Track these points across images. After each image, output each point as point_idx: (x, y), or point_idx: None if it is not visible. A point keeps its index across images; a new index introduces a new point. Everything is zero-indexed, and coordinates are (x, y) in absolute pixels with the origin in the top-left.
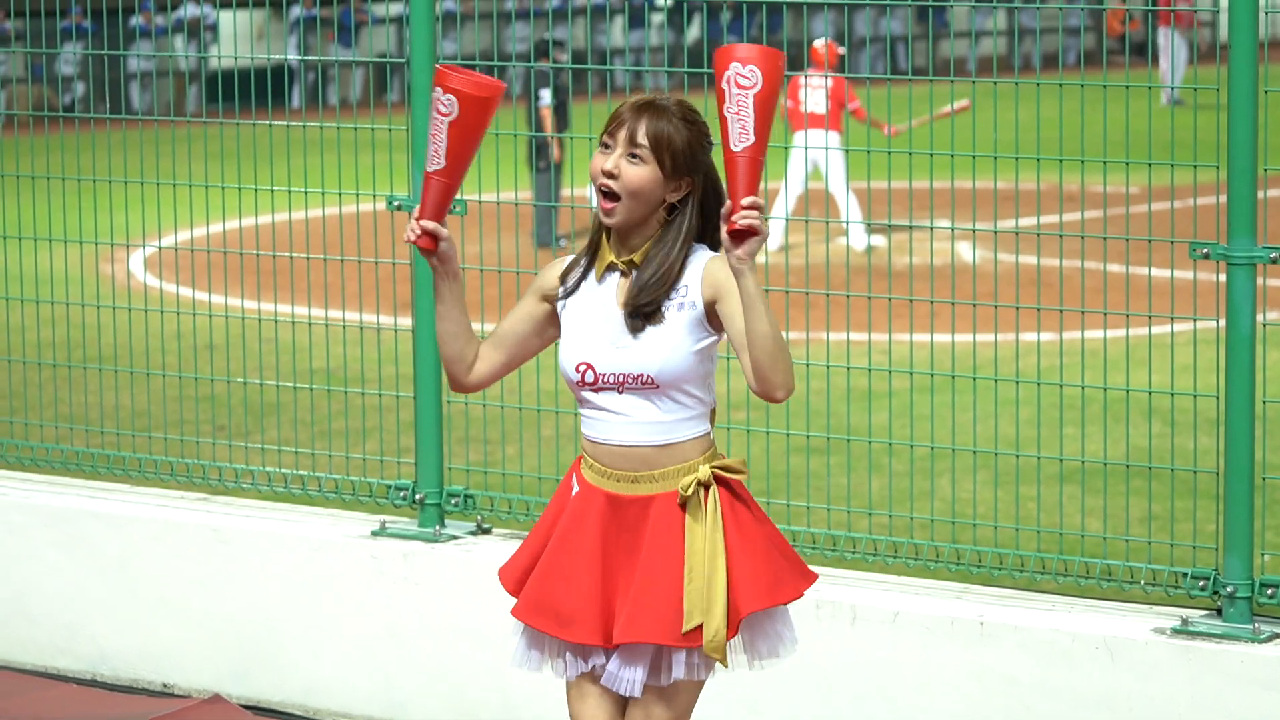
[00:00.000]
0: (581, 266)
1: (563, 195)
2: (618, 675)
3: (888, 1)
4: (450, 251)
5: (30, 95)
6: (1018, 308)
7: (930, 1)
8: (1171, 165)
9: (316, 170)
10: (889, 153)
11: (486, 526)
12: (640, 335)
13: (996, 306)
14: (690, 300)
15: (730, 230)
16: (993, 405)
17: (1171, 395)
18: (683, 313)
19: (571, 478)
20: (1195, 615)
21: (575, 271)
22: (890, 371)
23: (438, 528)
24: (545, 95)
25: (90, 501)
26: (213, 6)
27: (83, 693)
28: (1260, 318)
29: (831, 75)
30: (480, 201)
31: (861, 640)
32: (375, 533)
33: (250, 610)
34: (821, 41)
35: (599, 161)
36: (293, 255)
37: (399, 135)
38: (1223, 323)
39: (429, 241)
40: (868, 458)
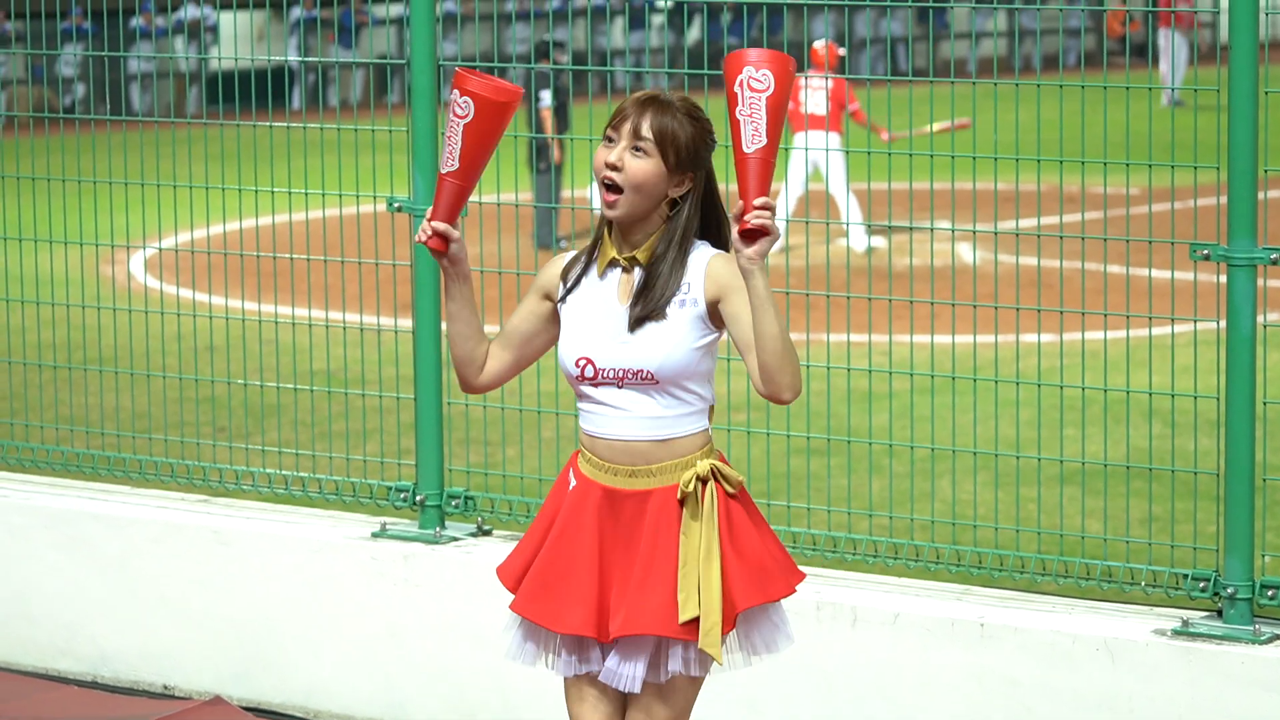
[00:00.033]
0: (583, 263)
1: (563, 197)
2: (617, 672)
3: (888, 3)
4: (461, 253)
5: (30, 96)
6: (1018, 309)
7: (930, 3)
8: (1172, 166)
9: (317, 172)
10: (889, 154)
11: (487, 528)
12: (641, 331)
13: (997, 308)
14: (692, 297)
15: (742, 230)
16: (993, 406)
17: (1172, 396)
18: (684, 309)
19: (569, 472)
20: (1196, 616)
21: (576, 268)
22: (890, 373)
23: (438, 529)
24: (545, 97)
25: (90, 503)
26: (213, 8)
27: (83, 694)
28: (1260, 319)
29: (832, 76)
30: (480, 203)
31: (862, 642)
32: (376, 534)
33: (251, 612)
34: (821, 43)
35: (602, 155)
36: (293, 257)
37: (399, 137)
38: (1223, 324)
39: (440, 243)
40: (868, 459)
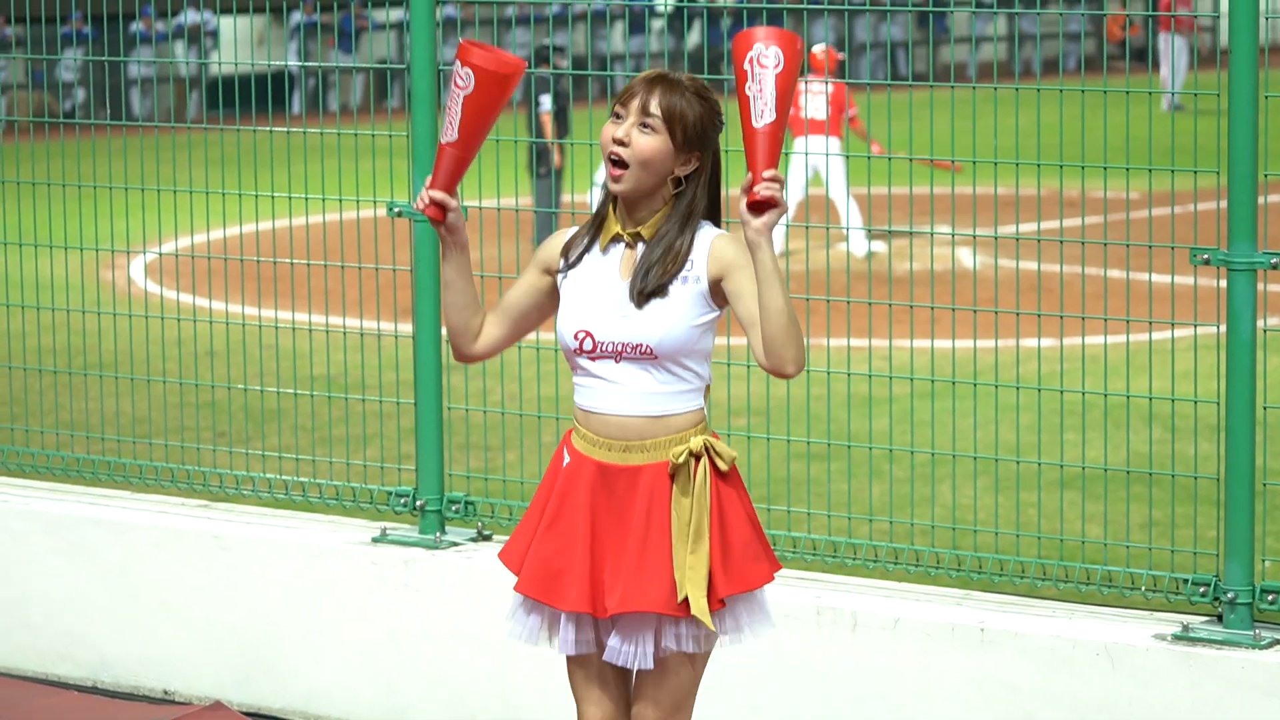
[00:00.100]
0: (586, 239)
1: (563, 201)
2: (621, 650)
3: (888, 7)
4: (458, 222)
5: (31, 101)
6: (1018, 313)
7: (931, 7)
8: (1172, 171)
9: (317, 176)
10: (889, 158)
11: (487, 533)
12: (642, 306)
13: (997, 312)
14: (695, 275)
15: (750, 202)
16: (993, 411)
17: (1172, 401)
18: (686, 286)
19: (562, 450)
20: (1196, 621)
21: (579, 244)
22: (890, 377)
23: (438, 534)
24: (545, 101)
25: (91, 508)
26: (213, 12)
27: (84, 700)
28: (1261, 323)
29: (832, 81)
30: (481, 208)
31: (862, 647)
32: (376, 539)
33: (251, 617)
34: (820, 47)
35: (610, 130)
36: (293, 261)
37: (399, 142)
38: (1223, 328)
39: (438, 211)
40: (868, 464)
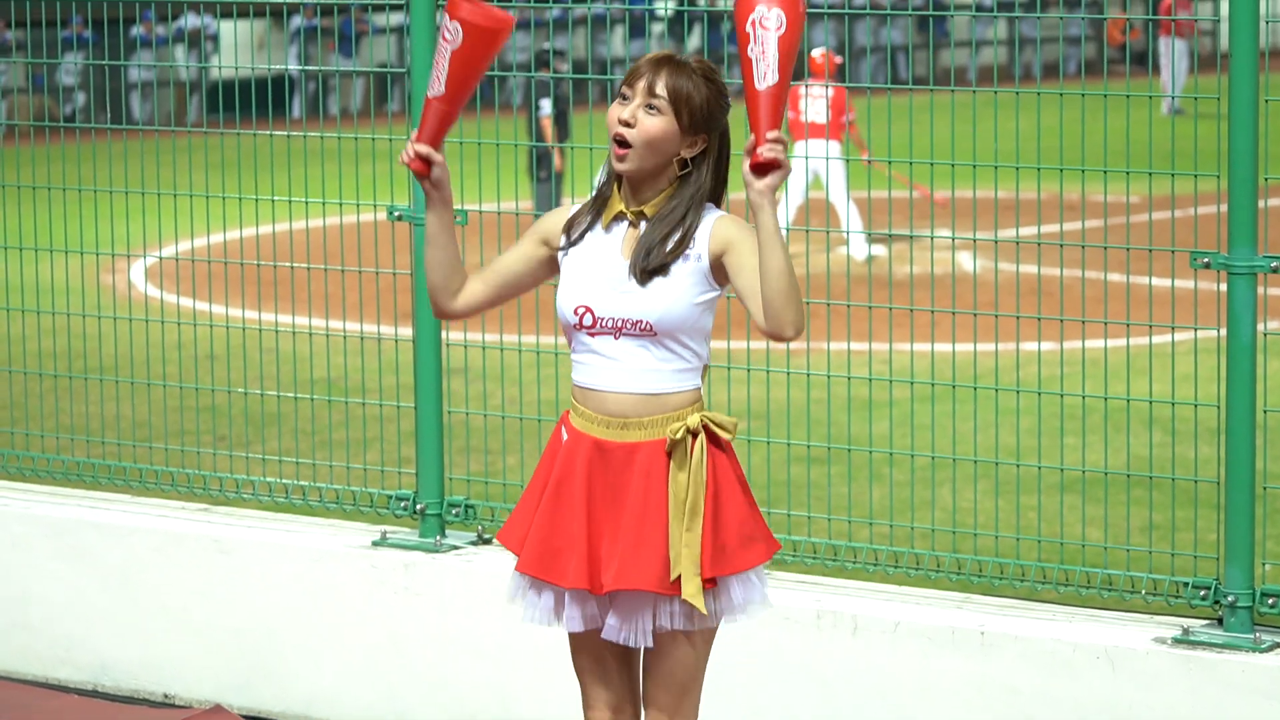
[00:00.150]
0: (588, 217)
1: (563, 205)
2: (618, 628)
3: (888, 11)
4: (443, 177)
5: (31, 105)
6: (1018, 317)
7: (931, 11)
8: (1172, 174)
9: (317, 180)
10: (889, 162)
11: (487, 537)
12: (643, 282)
13: (997, 316)
14: (696, 253)
15: (753, 164)
16: (993, 415)
17: (1172, 405)
18: (687, 264)
19: (560, 428)
20: (1196, 625)
21: (581, 221)
22: (891, 381)
23: (439, 538)
24: (545, 105)
25: (91, 512)
26: (213, 17)
27: (84, 703)
28: (1261, 327)
29: (833, 85)
30: (481, 211)
31: (862, 650)
32: (376, 543)
33: (251, 621)
34: (819, 51)
35: (616, 111)
36: (293, 265)
37: (399, 145)
38: (1223, 332)
39: (422, 165)
40: (868, 467)
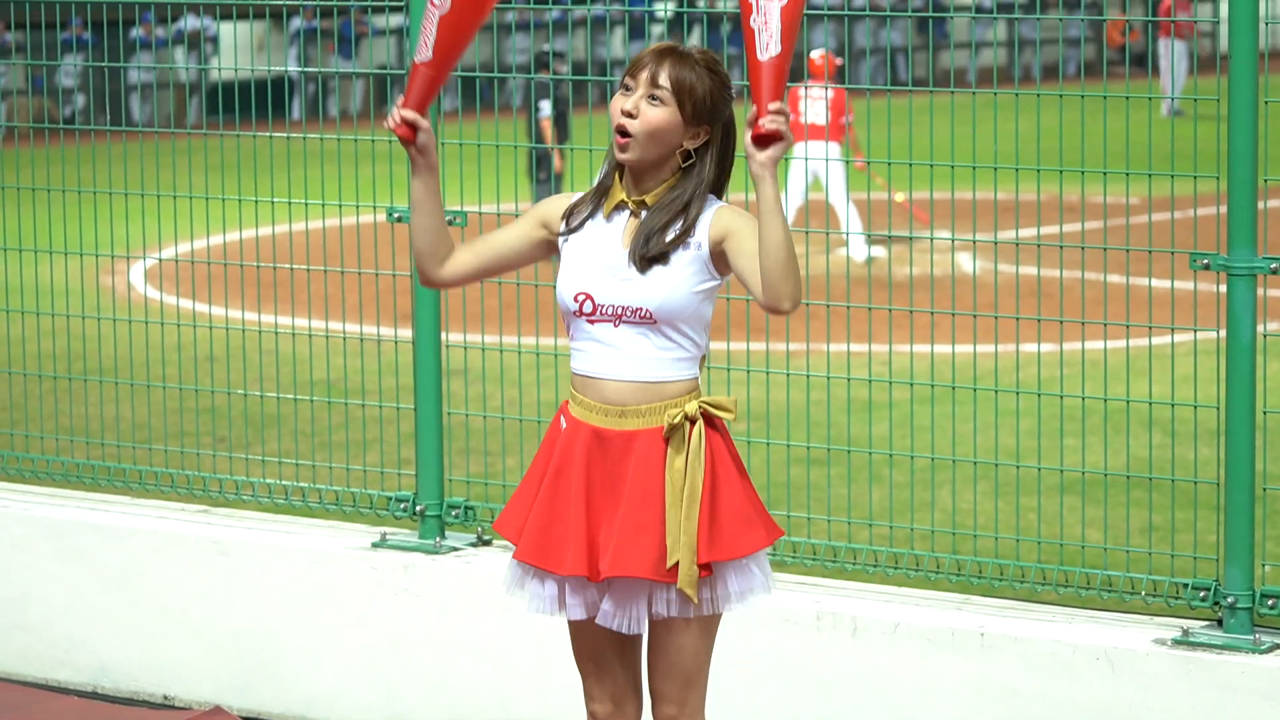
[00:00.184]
0: (589, 206)
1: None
2: (613, 614)
3: (888, 12)
4: (429, 143)
5: (31, 107)
6: (1018, 318)
7: (930, 12)
8: (1172, 176)
9: (317, 182)
10: (889, 164)
11: (487, 538)
12: (643, 270)
13: (997, 317)
14: (696, 241)
15: (755, 135)
16: (993, 416)
17: (1172, 406)
18: (688, 252)
19: (559, 418)
20: (1196, 626)
21: (582, 209)
22: (890, 382)
23: (438, 539)
24: (545, 107)
25: (91, 514)
26: (213, 19)
27: (84, 705)
28: (1260, 328)
29: (833, 87)
30: (480, 213)
31: (862, 651)
32: (376, 544)
33: (251, 622)
34: (818, 53)
35: (619, 102)
36: (293, 267)
37: (399, 147)
38: (1223, 333)
39: (408, 131)
40: (868, 469)
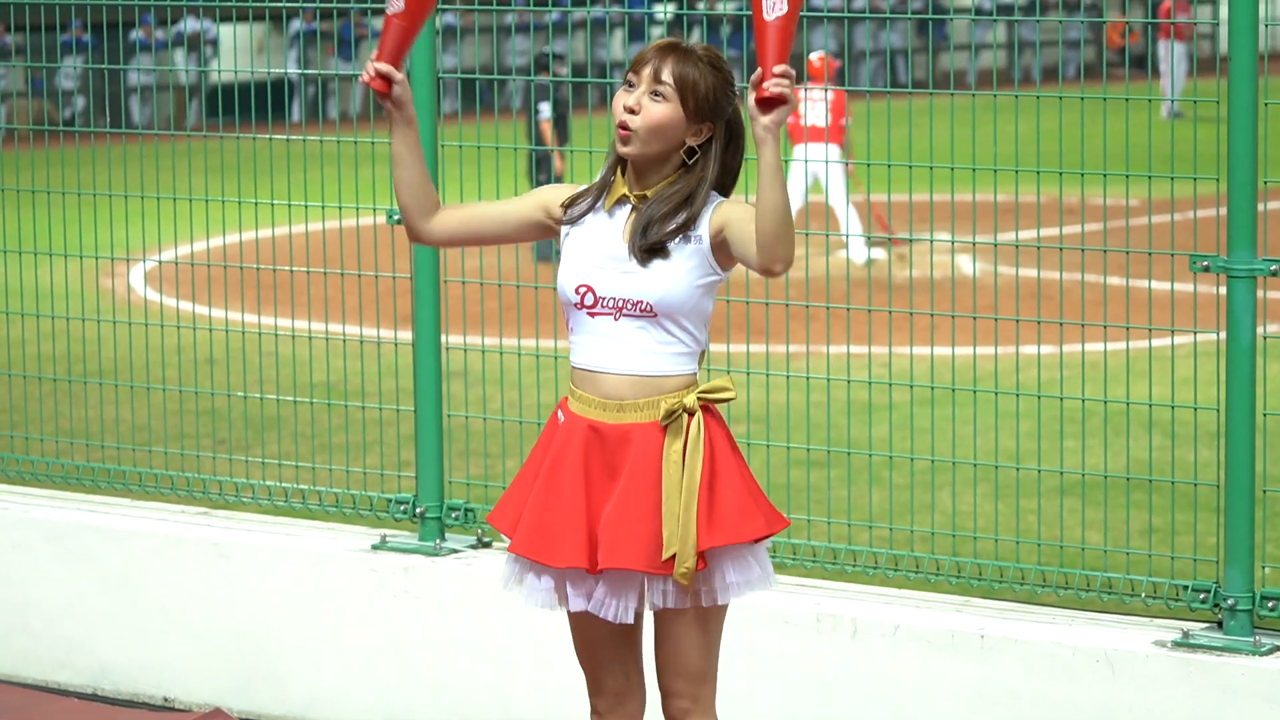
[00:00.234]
0: (590, 199)
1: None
2: (604, 602)
3: (888, 15)
4: (404, 96)
5: (30, 109)
6: (1018, 320)
7: (930, 15)
8: (1171, 178)
9: (316, 184)
10: (889, 165)
11: (487, 540)
12: (644, 263)
13: (996, 319)
14: (697, 235)
15: (759, 98)
16: (993, 418)
17: (1172, 408)
18: (689, 245)
19: (557, 412)
20: (1196, 628)
21: (583, 202)
22: (890, 384)
23: (438, 541)
24: (545, 109)
25: (91, 516)
26: (213, 21)
27: (84, 707)
28: (1260, 330)
29: (833, 89)
30: None
31: (862, 653)
32: (376, 546)
33: (251, 624)
34: (816, 55)
35: (621, 98)
36: (293, 269)
37: None
38: (1223, 335)
39: (383, 84)
40: (868, 471)
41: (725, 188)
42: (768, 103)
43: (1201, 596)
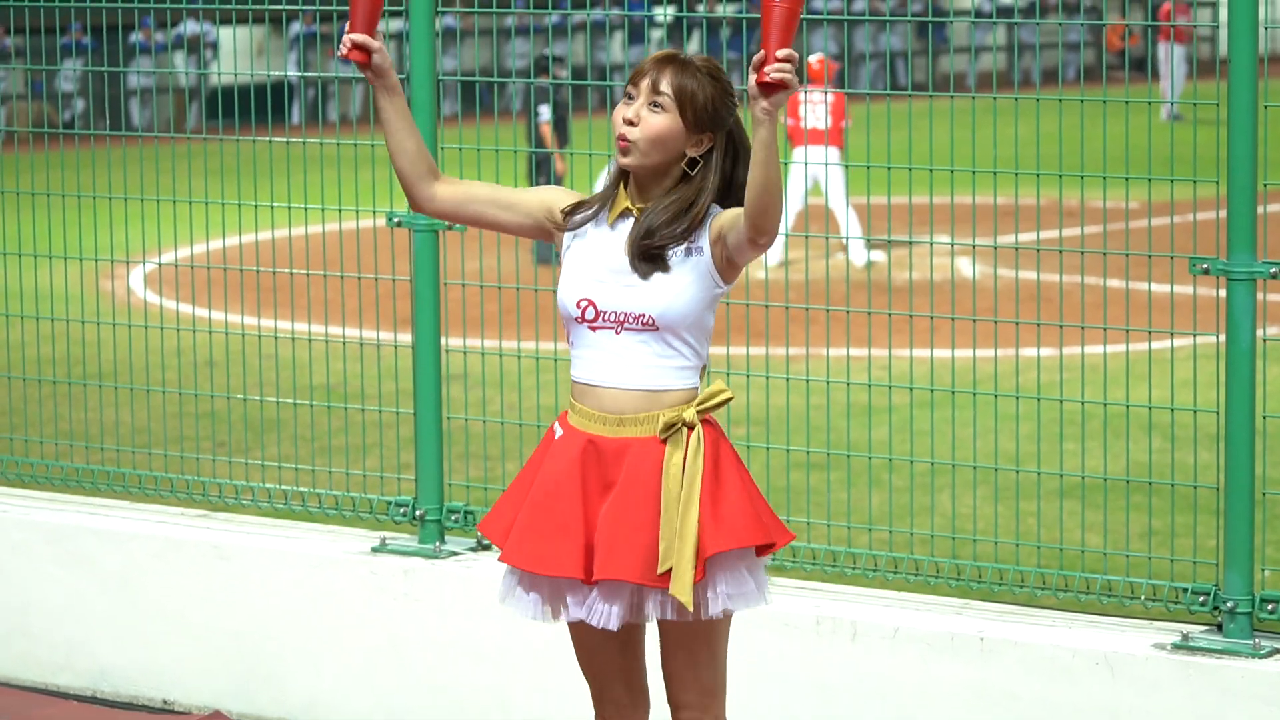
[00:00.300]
0: (592, 210)
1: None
2: (592, 608)
3: (888, 17)
4: (384, 64)
5: (30, 112)
6: (1018, 323)
7: (930, 17)
8: (1171, 180)
9: (316, 186)
10: (889, 168)
11: (487, 543)
12: (646, 276)
13: (996, 322)
14: (698, 246)
15: (760, 81)
16: (993, 420)
17: (1171, 410)
18: (690, 258)
19: (554, 426)
20: (1195, 631)
21: (586, 212)
22: (890, 387)
23: (438, 544)
24: (545, 111)
25: (90, 518)
26: (213, 23)
27: (83, 709)
28: (1260, 333)
29: (833, 91)
30: None
31: (862, 656)
32: (375, 549)
33: (251, 626)
34: (816, 57)
35: (621, 111)
36: (292, 271)
37: None
38: (1223, 338)
39: (361, 55)
40: (868, 473)
41: (728, 201)
42: (769, 86)
43: (1201, 599)
